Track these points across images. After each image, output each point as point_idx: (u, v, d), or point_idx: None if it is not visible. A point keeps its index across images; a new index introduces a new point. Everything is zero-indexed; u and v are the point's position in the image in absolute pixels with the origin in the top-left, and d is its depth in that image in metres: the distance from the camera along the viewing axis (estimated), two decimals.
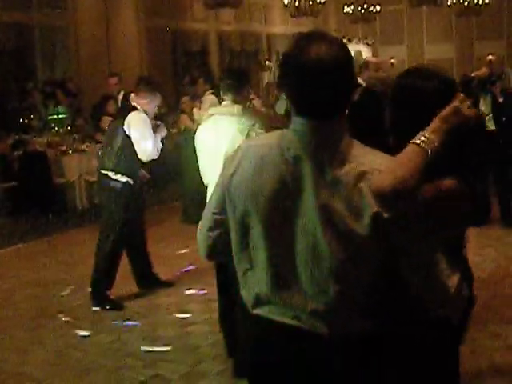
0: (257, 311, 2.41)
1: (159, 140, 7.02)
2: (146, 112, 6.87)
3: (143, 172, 7.33)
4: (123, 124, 6.85)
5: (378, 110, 2.95)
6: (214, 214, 2.48)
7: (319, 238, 2.21)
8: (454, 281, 2.33)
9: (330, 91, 2.19)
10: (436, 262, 2.29)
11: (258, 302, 2.39)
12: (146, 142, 6.79)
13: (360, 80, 7.23)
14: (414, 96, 2.59)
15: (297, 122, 2.28)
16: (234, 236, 2.41)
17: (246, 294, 2.45)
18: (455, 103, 2.31)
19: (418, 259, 2.25)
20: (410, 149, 2.18)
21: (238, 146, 2.46)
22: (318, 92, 2.19)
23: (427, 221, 2.23)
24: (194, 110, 10.51)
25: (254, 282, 2.38)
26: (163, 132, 7.17)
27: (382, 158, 2.23)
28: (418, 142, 2.18)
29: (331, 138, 2.23)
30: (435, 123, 2.24)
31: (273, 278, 2.31)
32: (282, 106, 5.22)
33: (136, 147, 6.80)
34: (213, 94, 10.29)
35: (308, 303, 2.27)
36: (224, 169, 2.46)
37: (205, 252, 2.59)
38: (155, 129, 6.97)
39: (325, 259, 2.22)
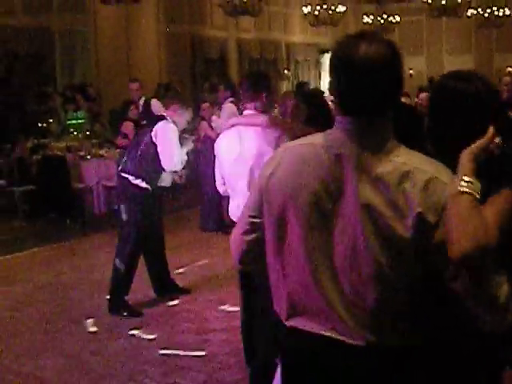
0: (291, 322, 2.33)
1: (185, 152, 7.01)
2: (175, 123, 6.86)
3: (180, 173, 7.26)
4: (151, 131, 6.85)
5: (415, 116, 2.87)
6: (250, 216, 2.41)
7: (359, 240, 2.14)
8: (504, 290, 2.12)
9: (377, 91, 2.16)
10: (486, 268, 2.12)
11: (293, 312, 2.31)
12: (171, 153, 6.78)
13: None
14: (453, 98, 2.50)
15: (342, 121, 2.24)
16: (269, 240, 2.34)
17: (280, 304, 2.37)
18: (486, 139, 2.21)
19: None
20: (461, 201, 2.06)
21: (278, 148, 2.42)
22: (366, 91, 2.16)
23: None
24: (214, 117, 10.50)
25: (288, 291, 2.31)
26: (189, 145, 7.17)
27: (426, 159, 2.18)
28: (466, 190, 2.07)
29: (376, 137, 2.19)
30: (467, 164, 2.13)
31: (308, 285, 2.24)
32: (301, 114, 5.13)
33: (161, 156, 6.80)
34: (232, 102, 10.27)
35: (346, 311, 2.19)
36: (262, 171, 2.40)
37: (238, 257, 2.51)
38: (182, 141, 6.97)
39: (365, 263, 2.14)
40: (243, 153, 4.93)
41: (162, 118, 6.97)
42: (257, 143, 4.87)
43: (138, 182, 6.88)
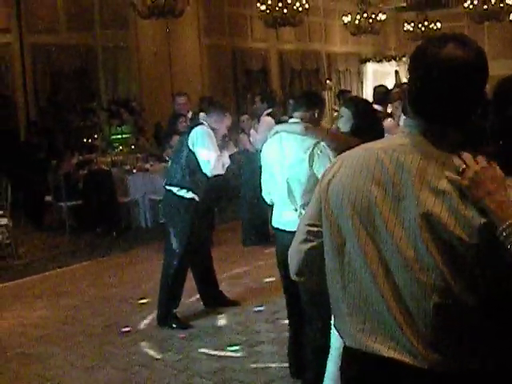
0: (351, 343, 2.22)
1: (227, 156, 6.98)
2: (213, 129, 6.85)
3: (231, 144, 7.23)
4: (188, 139, 6.85)
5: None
6: (308, 225, 2.33)
7: (420, 249, 2.04)
8: None
9: (457, 97, 2.07)
10: None
11: (353, 331, 2.19)
12: (209, 156, 6.75)
13: None
14: None
15: (410, 124, 2.16)
16: (328, 249, 2.25)
17: (340, 322, 2.26)
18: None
19: None
20: None
21: (338, 155, 2.37)
22: (442, 94, 2.07)
23: None
24: (252, 131, 10.40)
25: (347, 306, 2.20)
26: (232, 149, 7.14)
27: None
28: None
29: (445, 148, 2.09)
30: (506, 201, 2.00)
31: (369, 296, 2.14)
32: (346, 124, 5.09)
33: (200, 161, 6.78)
34: (269, 114, 10.13)
35: (407, 325, 2.08)
36: (322, 178, 2.32)
37: (296, 267, 2.40)
38: (224, 144, 6.96)
39: (427, 272, 2.04)
40: (283, 160, 5.00)
41: (199, 124, 6.96)
42: (294, 151, 4.94)
43: (183, 193, 6.87)
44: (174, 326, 6.83)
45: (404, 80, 19.59)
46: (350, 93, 15.40)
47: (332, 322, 2.32)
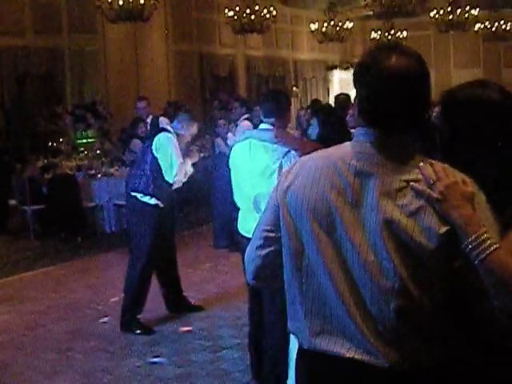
0: (309, 345, 2.24)
1: (189, 164, 6.97)
2: (178, 135, 6.85)
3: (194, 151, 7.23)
4: (151, 145, 6.85)
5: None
6: (265, 231, 2.34)
7: (380, 254, 2.09)
8: None
9: (405, 104, 2.13)
10: None
11: (310, 332, 2.22)
12: (172, 164, 6.76)
13: None
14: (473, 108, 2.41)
15: (364, 133, 2.21)
16: (286, 254, 2.27)
17: (296, 324, 2.29)
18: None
19: None
20: (504, 258, 2.05)
21: (296, 161, 2.40)
22: (393, 104, 2.13)
23: None
24: (229, 134, 10.43)
25: (306, 308, 2.23)
26: (195, 157, 7.13)
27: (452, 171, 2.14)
28: (494, 246, 2.04)
29: (398, 152, 2.16)
30: (474, 215, 2.07)
31: (329, 300, 2.17)
32: (314, 131, 5.16)
33: (162, 168, 6.77)
34: (247, 119, 10.22)
35: (368, 327, 2.12)
36: (278, 184, 2.34)
37: (252, 274, 2.43)
38: (187, 153, 6.95)
39: (386, 276, 2.09)
40: (251, 168, 4.98)
41: (163, 130, 6.95)
42: (264, 160, 4.92)
43: (147, 199, 6.86)
44: (138, 331, 6.81)
45: None
46: (321, 102, 15.49)
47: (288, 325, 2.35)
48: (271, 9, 17.09)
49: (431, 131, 2.46)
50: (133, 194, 6.96)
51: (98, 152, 13.57)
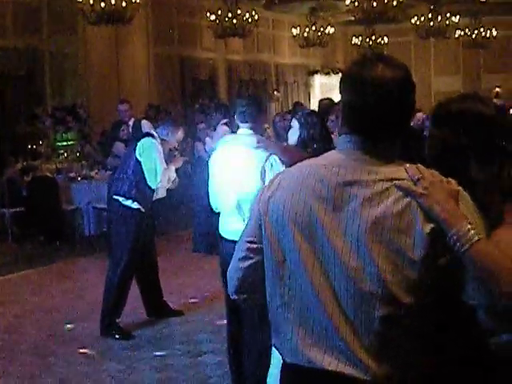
0: (292, 359, 2.21)
1: (173, 170, 6.96)
2: (163, 140, 6.83)
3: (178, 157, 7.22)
4: (135, 149, 6.82)
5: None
6: (248, 242, 2.32)
7: (364, 259, 2.08)
8: None
9: (390, 113, 2.15)
10: None
11: (293, 347, 2.19)
12: (156, 169, 6.73)
13: None
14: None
15: (348, 141, 2.22)
16: (268, 265, 2.26)
17: (279, 338, 2.26)
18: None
19: None
20: (488, 248, 2.06)
21: (278, 172, 2.41)
22: (378, 113, 2.14)
23: None
24: (207, 139, 10.45)
25: (288, 322, 2.20)
26: (178, 163, 7.11)
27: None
28: (478, 236, 2.05)
29: (380, 160, 2.16)
30: (457, 209, 2.09)
31: (310, 311, 2.15)
32: (294, 135, 5.17)
33: (145, 173, 6.75)
34: (226, 124, 10.19)
35: (351, 336, 2.09)
36: (260, 195, 2.33)
37: (234, 287, 2.38)
38: (170, 159, 6.94)
39: (370, 281, 2.07)
40: (233, 172, 5.00)
41: (148, 135, 6.93)
42: (245, 164, 4.94)
43: (129, 203, 6.84)
44: (117, 335, 6.77)
45: None
46: (303, 105, 15.51)
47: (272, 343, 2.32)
48: (253, 13, 17.11)
49: (416, 140, 2.48)
50: (115, 197, 6.93)
51: (77, 155, 13.50)
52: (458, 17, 21.55)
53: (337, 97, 2.45)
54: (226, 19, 16.96)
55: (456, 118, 2.44)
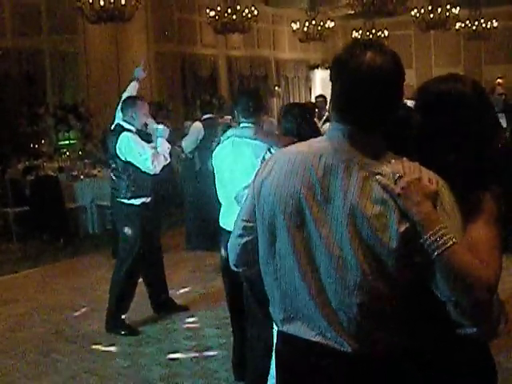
0: (283, 327, 2.38)
1: (164, 143, 6.83)
2: (132, 124, 6.78)
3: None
4: (115, 150, 6.74)
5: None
6: (244, 221, 2.46)
7: (345, 249, 2.16)
8: (496, 305, 2.23)
9: (378, 101, 2.18)
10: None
11: (285, 316, 2.35)
12: (144, 157, 6.66)
13: None
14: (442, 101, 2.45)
15: (335, 129, 2.26)
16: (261, 244, 2.38)
17: (274, 310, 2.42)
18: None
19: None
20: (459, 255, 2.10)
21: (272, 154, 2.48)
22: (366, 101, 2.17)
23: None
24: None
25: (280, 295, 2.34)
26: (165, 133, 6.91)
27: (416, 168, 2.17)
28: (452, 241, 2.08)
29: (367, 148, 2.20)
30: (434, 211, 2.12)
31: (298, 289, 2.27)
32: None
33: (138, 165, 6.70)
34: (206, 119, 10.11)
35: (332, 318, 2.22)
36: (255, 176, 2.45)
37: (233, 260, 2.59)
38: (153, 132, 6.84)
39: (350, 271, 2.17)
40: (234, 164, 5.06)
41: (119, 130, 6.80)
42: (246, 156, 5.00)
43: (132, 201, 6.82)
44: (123, 332, 6.78)
45: None
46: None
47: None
48: (252, 8, 17.06)
49: (403, 128, 2.47)
50: (117, 197, 6.92)
51: (80, 153, 13.50)
52: (458, 8, 21.46)
53: None
54: (226, 15, 16.92)
55: (437, 100, 2.44)
